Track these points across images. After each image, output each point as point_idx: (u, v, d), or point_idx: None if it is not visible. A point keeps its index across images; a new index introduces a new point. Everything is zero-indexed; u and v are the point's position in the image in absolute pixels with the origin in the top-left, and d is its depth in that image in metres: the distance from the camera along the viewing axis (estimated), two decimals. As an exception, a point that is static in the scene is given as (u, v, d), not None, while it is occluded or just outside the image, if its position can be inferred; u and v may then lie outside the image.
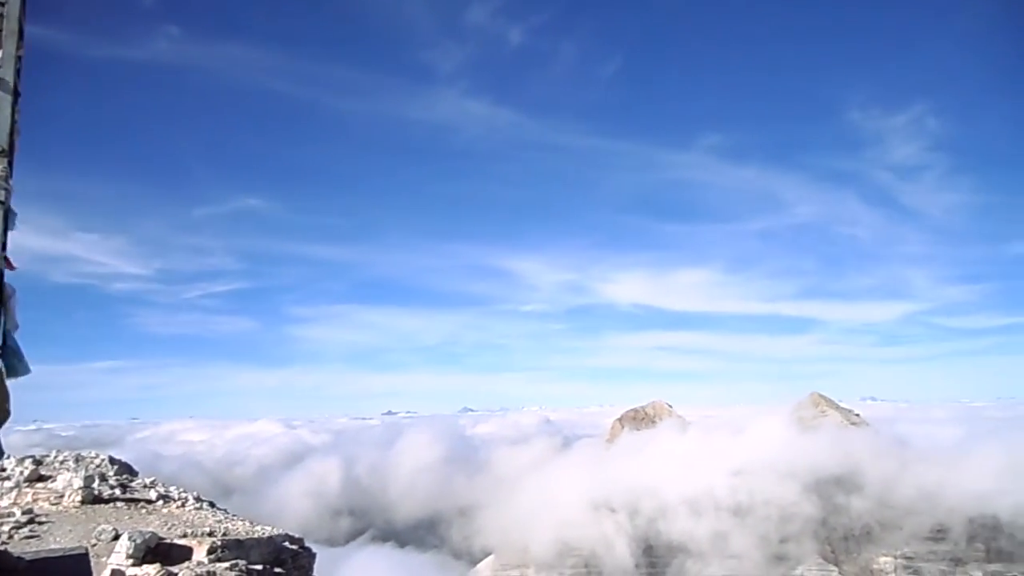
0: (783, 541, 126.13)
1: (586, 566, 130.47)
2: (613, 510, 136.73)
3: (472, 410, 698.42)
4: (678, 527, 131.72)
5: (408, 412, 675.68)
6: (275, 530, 16.21)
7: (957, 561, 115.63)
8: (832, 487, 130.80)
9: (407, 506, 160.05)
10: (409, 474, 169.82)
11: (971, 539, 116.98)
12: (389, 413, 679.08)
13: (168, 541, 13.93)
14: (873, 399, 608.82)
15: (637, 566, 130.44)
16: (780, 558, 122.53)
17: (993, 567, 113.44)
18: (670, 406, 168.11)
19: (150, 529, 13.88)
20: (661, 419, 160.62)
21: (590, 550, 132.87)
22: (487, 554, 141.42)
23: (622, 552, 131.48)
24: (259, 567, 14.46)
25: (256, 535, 15.74)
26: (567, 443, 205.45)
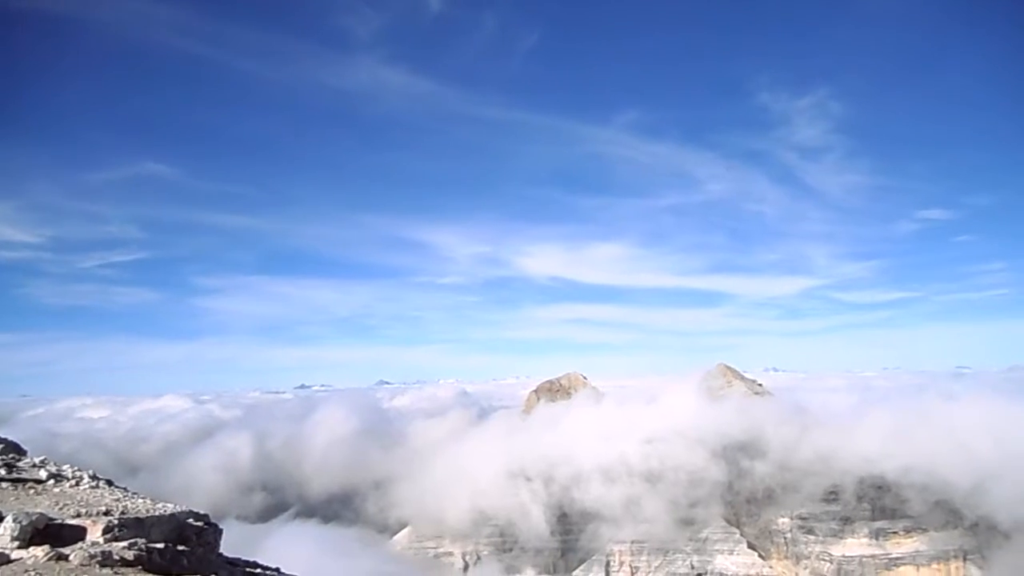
0: (692, 505, 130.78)
1: (501, 535, 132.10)
2: (529, 479, 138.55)
3: (388, 383, 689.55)
4: (592, 494, 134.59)
5: (322, 385, 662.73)
6: (178, 507, 14.61)
7: (846, 520, 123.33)
8: (737, 453, 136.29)
9: (322, 480, 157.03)
10: (324, 448, 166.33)
11: (860, 499, 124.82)
12: (302, 387, 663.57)
13: (59, 522, 12.17)
14: (775, 369, 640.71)
15: (552, 533, 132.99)
16: (688, 522, 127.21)
17: (878, 524, 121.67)
18: (585, 377, 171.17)
19: (38, 510, 12.12)
20: (576, 390, 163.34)
21: (506, 519, 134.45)
22: (403, 526, 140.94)
23: (537, 520, 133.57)
24: (160, 545, 12.84)
25: (157, 513, 14.09)
26: (483, 415, 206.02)
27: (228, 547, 17.63)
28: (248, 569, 15.90)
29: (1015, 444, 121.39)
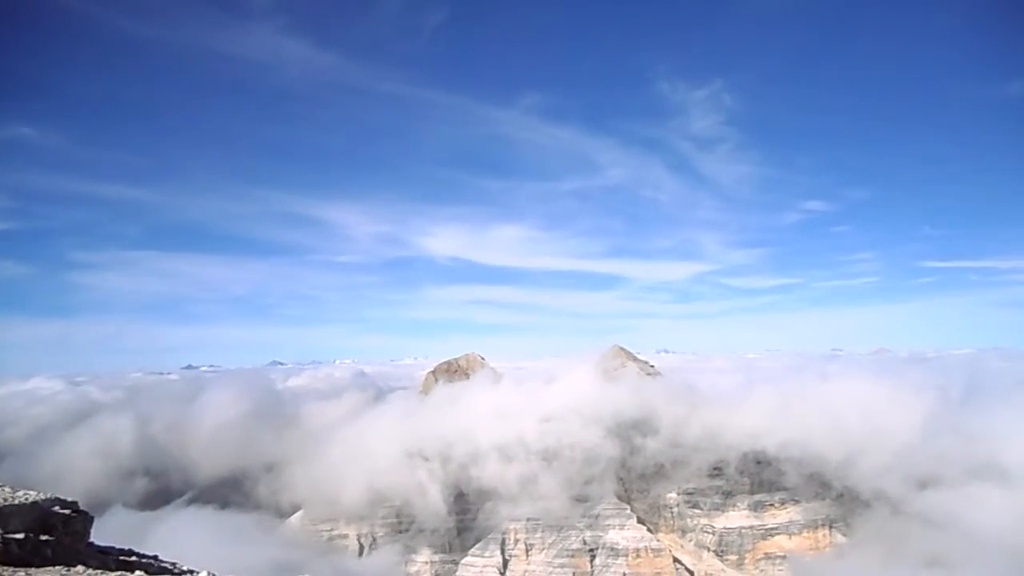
0: (586, 482, 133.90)
1: (397, 516, 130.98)
2: (426, 459, 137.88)
3: (282, 363, 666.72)
4: (489, 472, 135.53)
5: (211, 366, 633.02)
6: (42, 495, 12.82)
7: (728, 494, 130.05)
8: (631, 430, 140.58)
9: (210, 464, 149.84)
10: (212, 431, 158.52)
11: (742, 473, 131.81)
12: (189, 367, 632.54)
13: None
14: (666, 351, 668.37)
15: (449, 513, 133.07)
16: (582, 499, 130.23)
17: (757, 496, 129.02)
18: (483, 358, 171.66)
19: None
20: (474, 371, 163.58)
21: (403, 499, 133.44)
22: (296, 510, 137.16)
23: (435, 499, 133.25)
24: (20, 536, 11.25)
25: (17, 501, 12.36)
26: (380, 396, 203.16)
27: (114, 536, 15.91)
28: (122, 558, 14.35)
29: (880, 420, 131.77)
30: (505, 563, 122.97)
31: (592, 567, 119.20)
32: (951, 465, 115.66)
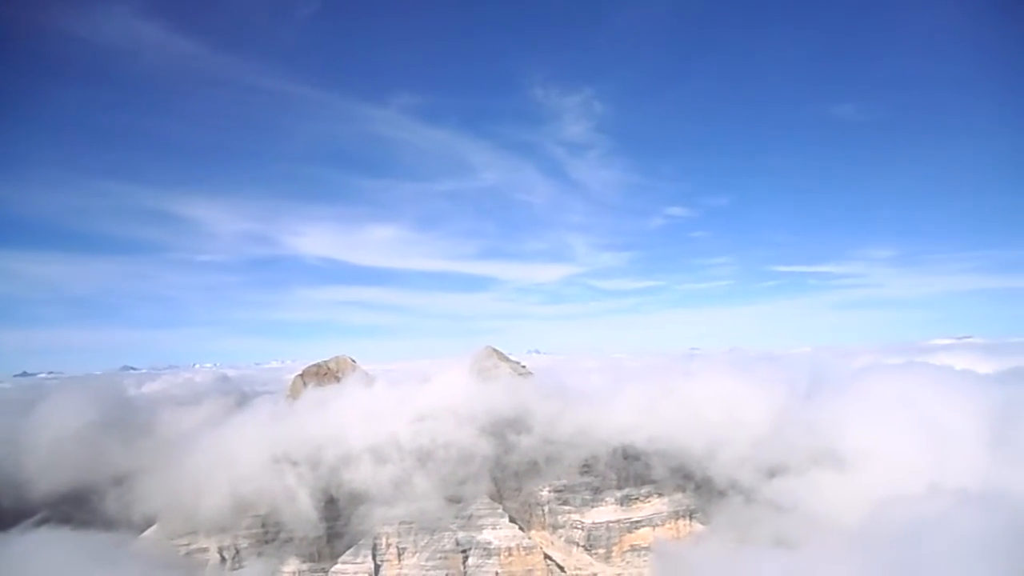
0: (461, 482, 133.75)
1: (263, 525, 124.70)
2: (294, 463, 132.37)
3: (134, 368, 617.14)
4: (361, 475, 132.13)
5: (50, 372, 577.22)
6: None
7: (597, 489, 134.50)
8: (505, 428, 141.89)
9: (50, 480, 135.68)
10: (51, 442, 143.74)
11: (611, 468, 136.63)
12: (24, 374, 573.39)
13: None
14: (538, 352, 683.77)
15: (320, 519, 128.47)
16: (456, 499, 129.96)
17: (625, 491, 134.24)
18: (354, 361, 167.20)
19: None
20: (345, 374, 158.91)
21: (269, 507, 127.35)
22: (150, 524, 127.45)
23: (304, 505, 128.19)
24: None
25: None
26: (244, 400, 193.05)
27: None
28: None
29: (735, 414, 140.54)
30: (377, 568, 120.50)
31: (465, 568, 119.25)
32: (796, 454, 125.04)
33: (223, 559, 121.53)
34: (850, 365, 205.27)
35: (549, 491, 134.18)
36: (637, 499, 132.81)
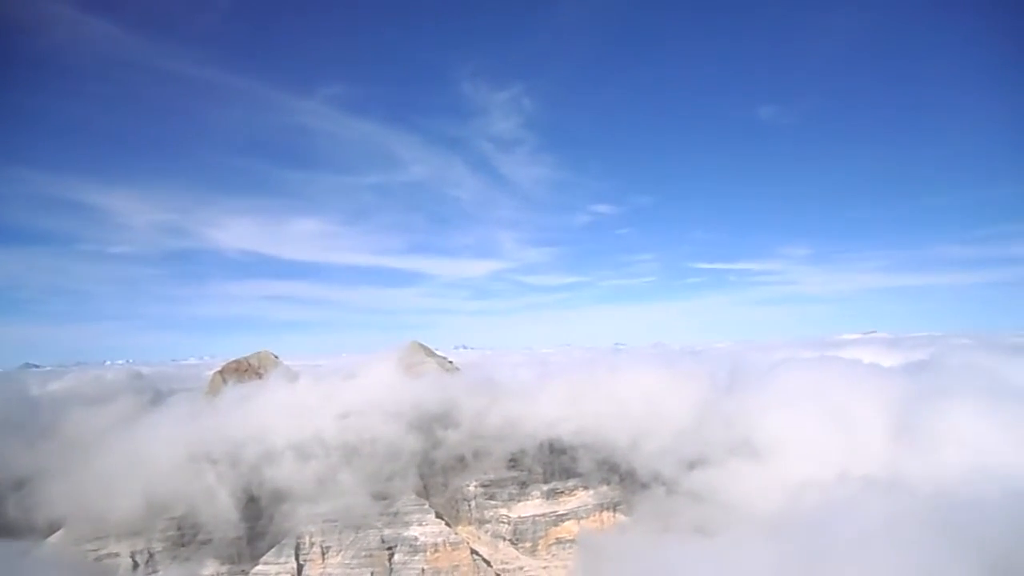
0: (388, 479, 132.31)
1: (179, 527, 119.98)
2: (214, 462, 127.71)
3: (37, 366, 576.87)
4: (284, 473, 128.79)
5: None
6: None
7: (523, 484, 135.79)
8: (433, 423, 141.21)
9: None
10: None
11: (538, 462, 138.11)
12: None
13: None
14: (465, 347, 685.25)
15: (241, 519, 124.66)
16: (382, 496, 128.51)
17: (551, 484, 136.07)
18: (276, 356, 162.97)
19: None
20: (267, 370, 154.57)
21: (187, 507, 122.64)
22: (56, 529, 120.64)
23: (223, 505, 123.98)
24: None
25: None
26: (160, 398, 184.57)
27: None
28: None
29: (659, 408, 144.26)
30: (300, 568, 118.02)
31: (391, 565, 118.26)
32: (715, 445, 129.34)
33: (135, 564, 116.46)
34: (767, 359, 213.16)
35: (476, 486, 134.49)
36: (563, 492, 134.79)
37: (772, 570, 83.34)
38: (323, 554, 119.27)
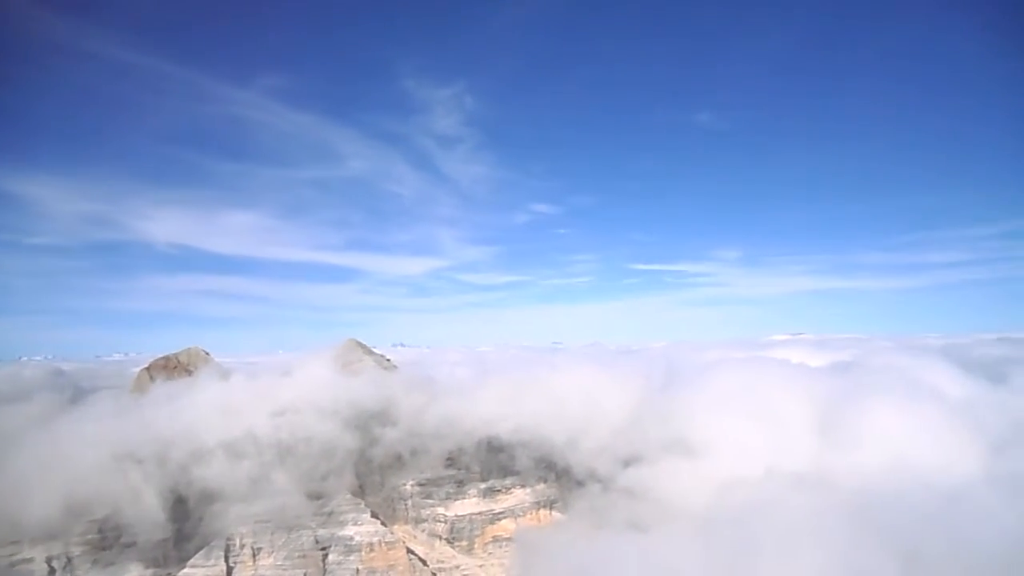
0: (323, 478, 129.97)
1: (100, 530, 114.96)
2: (139, 461, 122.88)
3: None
4: (215, 472, 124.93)
5: None
6: None
7: (460, 482, 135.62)
8: (370, 421, 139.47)
9: None
10: None
11: (476, 460, 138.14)
12: None
13: None
14: (402, 345, 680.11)
15: (168, 520, 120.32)
16: (317, 495, 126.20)
17: (488, 483, 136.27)
18: (207, 353, 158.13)
19: None
20: (197, 367, 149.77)
21: (110, 509, 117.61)
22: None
23: (149, 506, 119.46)
24: None
25: None
26: (81, 396, 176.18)
27: None
28: None
29: (596, 406, 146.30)
30: (230, 570, 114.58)
31: (325, 565, 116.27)
32: (650, 443, 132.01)
33: (51, 569, 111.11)
34: (701, 359, 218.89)
35: (413, 485, 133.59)
36: (500, 491, 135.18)
37: (701, 564, 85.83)
38: (254, 555, 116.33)
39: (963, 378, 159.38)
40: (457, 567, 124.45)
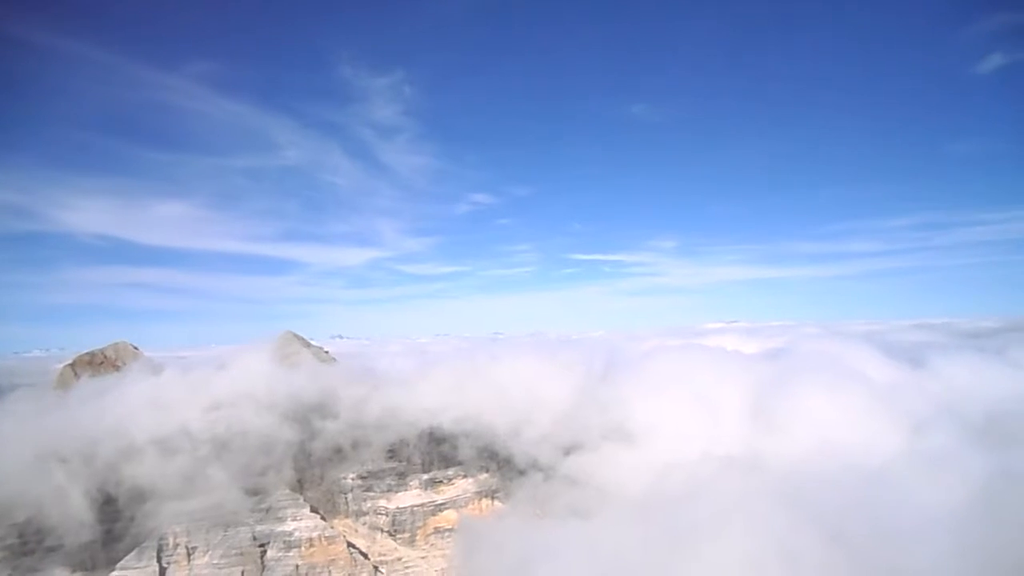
0: (261, 473, 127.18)
1: (20, 535, 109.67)
2: (64, 460, 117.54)
3: None
4: (146, 469, 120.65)
5: None
6: None
7: (402, 474, 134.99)
8: (310, 414, 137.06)
9: None
10: None
11: (418, 451, 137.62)
12: None
13: None
14: (341, 337, 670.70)
15: (96, 521, 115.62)
16: (255, 491, 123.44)
17: (431, 473, 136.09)
18: (136, 348, 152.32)
19: None
20: (125, 362, 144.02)
21: (33, 510, 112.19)
22: None
23: (76, 506, 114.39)
24: None
25: None
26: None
27: None
28: None
29: (537, 395, 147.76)
30: (163, 571, 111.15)
31: (263, 562, 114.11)
32: (590, 431, 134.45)
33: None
34: (639, 348, 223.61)
35: (354, 478, 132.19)
36: (442, 481, 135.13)
37: (640, 548, 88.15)
38: (189, 554, 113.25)
39: (885, 363, 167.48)
40: (399, 559, 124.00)
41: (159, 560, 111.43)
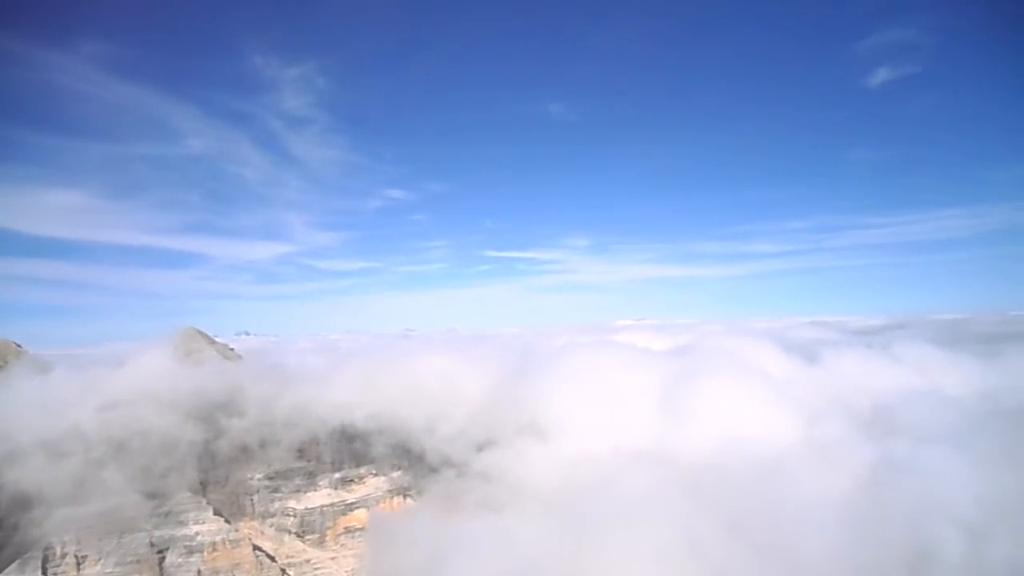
0: (162, 475, 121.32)
1: None
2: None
3: None
4: (32, 474, 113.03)
5: None
6: None
7: (311, 474, 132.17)
8: (215, 412, 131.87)
9: None
10: None
11: (329, 450, 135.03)
12: None
13: None
14: (247, 333, 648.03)
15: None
16: (154, 495, 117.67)
17: (342, 472, 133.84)
18: (20, 345, 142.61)
19: None
20: (8, 361, 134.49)
21: None
22: None
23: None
24: None
25: None
26: None
27: None
28: None
29: (451, 392, 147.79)
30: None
31: (162, 569, 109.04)
32: (504, 427, 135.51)
33: None
34: (552, 344, 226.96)
35: (261, 478, 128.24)
36: (353, 480, 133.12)
37: (550, 540, 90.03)
38: (78, 564, 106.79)
39: (782, 358, 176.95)
40: (307, 561, 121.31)
41: (44, 571, 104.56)
